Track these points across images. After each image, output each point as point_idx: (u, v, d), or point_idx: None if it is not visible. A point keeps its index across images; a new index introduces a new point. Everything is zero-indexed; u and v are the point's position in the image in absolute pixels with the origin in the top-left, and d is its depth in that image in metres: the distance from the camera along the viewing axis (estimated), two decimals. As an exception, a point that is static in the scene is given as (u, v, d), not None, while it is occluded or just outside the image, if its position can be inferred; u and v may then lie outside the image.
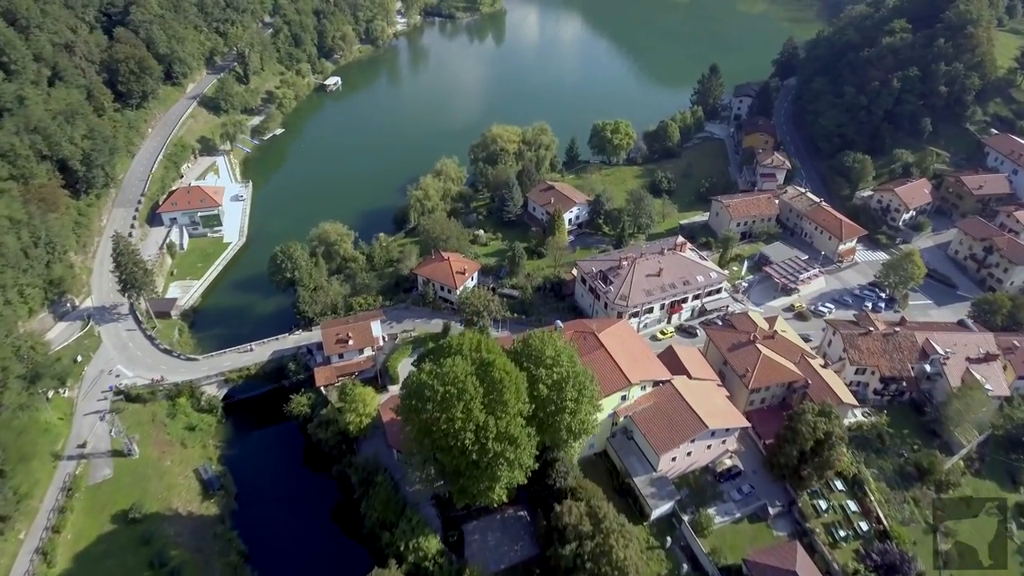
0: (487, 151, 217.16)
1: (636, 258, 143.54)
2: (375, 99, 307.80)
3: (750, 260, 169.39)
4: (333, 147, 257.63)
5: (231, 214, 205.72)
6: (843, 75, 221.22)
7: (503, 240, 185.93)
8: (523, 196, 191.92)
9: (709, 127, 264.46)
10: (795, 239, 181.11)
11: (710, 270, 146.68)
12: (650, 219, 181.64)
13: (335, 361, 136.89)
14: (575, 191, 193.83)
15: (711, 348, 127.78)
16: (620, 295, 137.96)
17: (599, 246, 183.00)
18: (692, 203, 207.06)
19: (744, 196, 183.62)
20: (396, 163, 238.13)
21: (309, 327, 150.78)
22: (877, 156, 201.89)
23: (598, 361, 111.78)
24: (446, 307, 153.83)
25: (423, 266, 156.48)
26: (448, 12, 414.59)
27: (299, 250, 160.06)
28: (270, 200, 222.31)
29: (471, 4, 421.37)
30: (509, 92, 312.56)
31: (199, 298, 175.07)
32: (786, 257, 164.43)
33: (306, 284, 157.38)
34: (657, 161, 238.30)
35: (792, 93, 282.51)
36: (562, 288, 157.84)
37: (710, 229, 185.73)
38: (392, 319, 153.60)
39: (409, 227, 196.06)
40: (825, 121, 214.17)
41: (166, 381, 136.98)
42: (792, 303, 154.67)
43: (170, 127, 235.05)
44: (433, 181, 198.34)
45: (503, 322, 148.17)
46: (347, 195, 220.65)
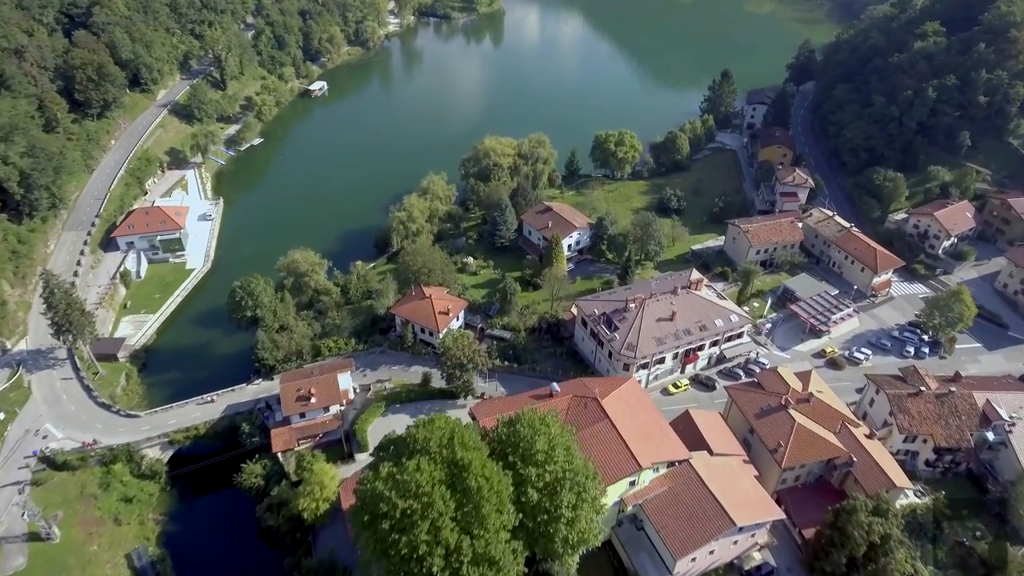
0: (479, 166, 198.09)
1: (645, 299, 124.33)
2: (364, 105, 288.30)
3: (772, 295, 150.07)
4: (316, 159, 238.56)
5: (197, 236, 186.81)
6: (870, 82, 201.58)
7: (495, 269, 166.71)
8: (517, 219, 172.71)
9: (720, 136, 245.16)
10: (821, 269, 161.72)
11: (730, 312, 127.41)
12: (659, 246, 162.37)
13: (296, 421, 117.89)
14: (575, 213, 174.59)
15: (734, 411, 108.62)
16: (627, 344, 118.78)
17: (602, 275, 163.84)
18: (704, 224, 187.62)
19: (764, 220, 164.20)
20: (384, 176, 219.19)
21: (270, 375, 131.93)
22: (909, 173, 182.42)
23: (601, 437, 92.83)
24: (427, 352, 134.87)
25: (401, 304, 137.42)
26: (443, 12, 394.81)
27: (262, 284, 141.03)
28: (243, 219, 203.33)
29: (468, 4, 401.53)
30: (506, 97, 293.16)
31: (153, 335, 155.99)
32: (814, 292, 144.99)
33: (269, 324, 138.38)
34: (665, 175, 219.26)
35: (810, 100, 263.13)
36: (560, 329, 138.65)
37: (726, 256, 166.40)
38: (366, 365, 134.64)
39: (391, 251, 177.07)
40: (851, 133, 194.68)
41: (100, 444, 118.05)
42: (823, 348, 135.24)
43: (136, 139, 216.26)
44: (418, 201, 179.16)
45: (492, 371, 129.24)
46: (328, 213, 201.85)
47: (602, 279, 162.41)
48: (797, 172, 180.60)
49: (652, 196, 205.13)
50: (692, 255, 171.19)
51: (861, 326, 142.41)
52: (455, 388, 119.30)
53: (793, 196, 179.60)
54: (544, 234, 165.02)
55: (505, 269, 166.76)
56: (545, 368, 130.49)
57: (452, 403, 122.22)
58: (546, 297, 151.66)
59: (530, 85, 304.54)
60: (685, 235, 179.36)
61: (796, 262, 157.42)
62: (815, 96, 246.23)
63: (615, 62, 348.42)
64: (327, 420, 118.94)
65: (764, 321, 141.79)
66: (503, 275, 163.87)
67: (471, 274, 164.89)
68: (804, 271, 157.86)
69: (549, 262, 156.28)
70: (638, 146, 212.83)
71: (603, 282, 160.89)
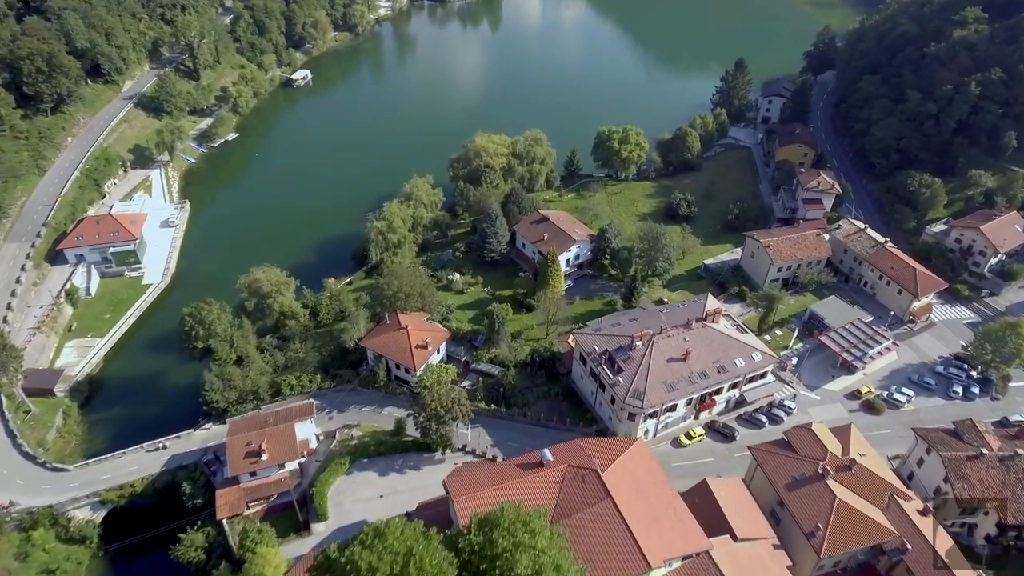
0: (469, 167, 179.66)
1: (654, 335, 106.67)
2: (351, 96, 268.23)
3: (797, 321, 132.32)
4: (296, 156, 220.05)
5: (157, 246, 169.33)
6: (902, 75, 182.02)
7: (483, 287, 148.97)
8: (510, 230, 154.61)
9: (733, 131, 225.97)
10: (850, 288, 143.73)
11: (753, 350, 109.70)
12: (668, 262, 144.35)
13: (245, 480, 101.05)
14: (574, 223, 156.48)
15: (759, 476, 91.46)
16: (632, 391, 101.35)
17: (604, 294, 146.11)
18: (717, 234, 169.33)
19: (786, 232, 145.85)
20: (370, 175, 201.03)
21: (222, 419, 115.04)
22: (947, 178, 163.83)
23: (602, 524, 76.01)
24: (403, 391, 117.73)
25: (374, 336, 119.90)
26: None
27: (215, 311, 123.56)
28: (212, 225, 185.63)
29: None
30: (503, 88, 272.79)
31: (100, 363, 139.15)
32: (845, 319, 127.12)
33: (223, 357, 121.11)
34: (673, 175, 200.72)
35: (829, 92, 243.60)
36: (555, 364, 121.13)
37: (742, 273, 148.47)
38: (333, 406, 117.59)
39: (370, 264, 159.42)
40: (880, 132, 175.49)
41: (18, 507, 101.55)
42: (858, 387, 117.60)
43: (96, 135, 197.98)
44: (400, 208, 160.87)
45: (477, 413, 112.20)
46: (306, 218, 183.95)
47: (604, 299, 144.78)
48: (822, 176, 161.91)
49: (659, 200, 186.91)
50: (704, 270, 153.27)
51: (899, 358, 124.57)
52: (430, 442, 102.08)
53: (817, 203, 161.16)
54: (539, 248, 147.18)
55: (495, 287, 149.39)
56: (537, 412, 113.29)
57: (428, 457, 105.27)
58: (540, 321, 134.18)
59: (528, 74, 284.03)
60: (696, 246, 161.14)
61: (824, 282, 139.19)
62: (837, 89, 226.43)
63: (619, 49, 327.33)
64: (282, 478, 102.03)
65: (789, 353, 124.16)
66: (492, 294, 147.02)
67: (457, 292, 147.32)
68: (832, 292, 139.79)
69: (544, 281, 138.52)
70: (644, 144, 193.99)
71: (605, 302, 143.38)
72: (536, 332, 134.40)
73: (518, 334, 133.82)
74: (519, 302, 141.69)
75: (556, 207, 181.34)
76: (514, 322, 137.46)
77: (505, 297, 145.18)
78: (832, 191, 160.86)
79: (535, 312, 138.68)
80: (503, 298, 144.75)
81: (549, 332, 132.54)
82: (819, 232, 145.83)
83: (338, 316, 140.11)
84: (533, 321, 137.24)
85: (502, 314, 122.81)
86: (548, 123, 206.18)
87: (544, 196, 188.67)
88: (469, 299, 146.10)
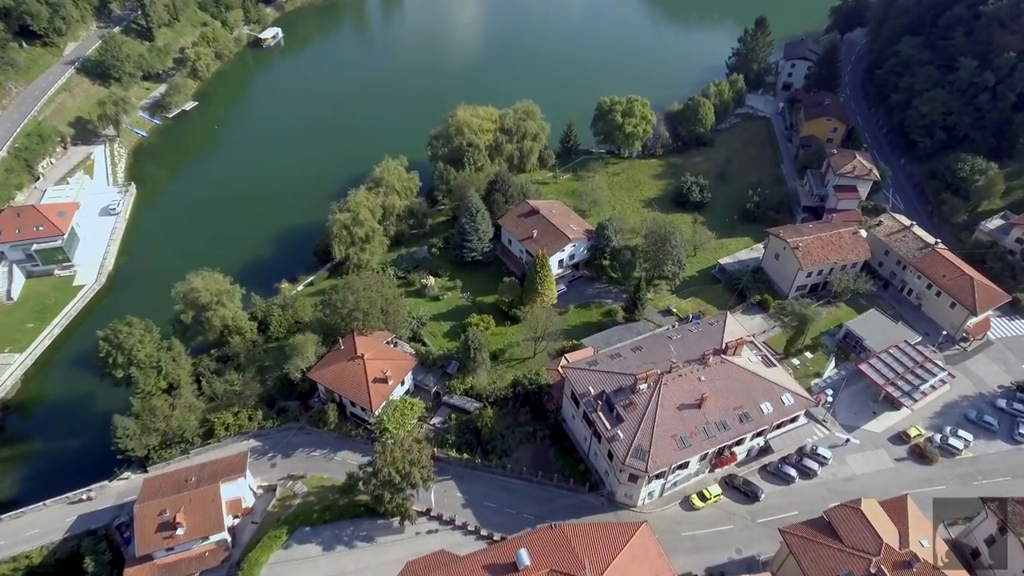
0: (450, 145, 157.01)
1: (662, 375, 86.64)
2: (327, 58, 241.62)
3: (831, 340, 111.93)
4: (262, 127, 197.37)
5: (95, 238, 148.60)
6: (953, 38, 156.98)
7: (463, 293, 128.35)
8: (494, 224, 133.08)
9: (750, 99, 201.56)
10: (890, 296, 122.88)
11: (782, 390, 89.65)
12: (678, 265, 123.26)
13: (160, 556, 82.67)
14: (569, 215, 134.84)
15: (791, 570, 72.60)
16: (635, 449, 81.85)
17: (602, 302, 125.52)
18: (734, 225, 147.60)
19: (818, 230, 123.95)
20: (345, 152, 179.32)
21: (144, 466, 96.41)
22: (1005, 162, 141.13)
23: (592, 664, 57.35)
24: (360, 433, 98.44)
25: (325, 366, 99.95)
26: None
27: (137, 332, 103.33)
28: (160, 212, 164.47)
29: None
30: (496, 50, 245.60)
31: (17, 384, 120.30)
32: (889, 340, 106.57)
33: (146, 389, 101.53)
34: (683, 152, 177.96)
35: (860, 55, 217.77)
36: (542, 398, 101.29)
37: (764, 275, 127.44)
38: (277, 449, 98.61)
39: (333, 262, 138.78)
40: (925, 105, 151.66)
41: None
42: (906, 430, 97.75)
43: (31, 107, 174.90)
44: (367, 196, 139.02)
45: (447, 463, 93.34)
46: (270, 203, 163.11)
47: (602, 307, 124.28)
48: (858, 159, 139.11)
49: (667, 181, 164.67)
50: (719, 271, 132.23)
51: (952, 389, 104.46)
52: (386, 511, 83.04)
53: (851, 191, 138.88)
54: (527, 247, 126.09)
55: (476, 291, 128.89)
56: (520, 460, 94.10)
57: (384, 524, 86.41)
58: (527, 336, 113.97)
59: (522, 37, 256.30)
60: (710, 240, 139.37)
61: (862, 291, 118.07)
62: (871, 52, 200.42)
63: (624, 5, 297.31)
64: (206, 552, 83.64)
65: (822, 384, 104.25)
66: (473, 301, 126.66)
67: (431, 298, 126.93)
68: (870, 303, 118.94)
69: (532, 289, 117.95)
70: (651, 116, 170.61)
71: (604, 312, 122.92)
72: (522, 350, 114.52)
73: (501, 352, 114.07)
74: (503, 312, 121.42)
75: (550, 191, 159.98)
76: (497, 336, 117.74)
77: (487, 305, 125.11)
78: (869, 177, 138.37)
79: (523, 324, 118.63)
80: (485, 306, 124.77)
81: (537, 350, 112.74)
82: (856, 230, 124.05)
83: (292, 328, 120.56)
84: (519, 336, 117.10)
85: (479, 339, 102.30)
86: (543, 91, 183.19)
87: (536, 177, 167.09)
88: (445, 307, 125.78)
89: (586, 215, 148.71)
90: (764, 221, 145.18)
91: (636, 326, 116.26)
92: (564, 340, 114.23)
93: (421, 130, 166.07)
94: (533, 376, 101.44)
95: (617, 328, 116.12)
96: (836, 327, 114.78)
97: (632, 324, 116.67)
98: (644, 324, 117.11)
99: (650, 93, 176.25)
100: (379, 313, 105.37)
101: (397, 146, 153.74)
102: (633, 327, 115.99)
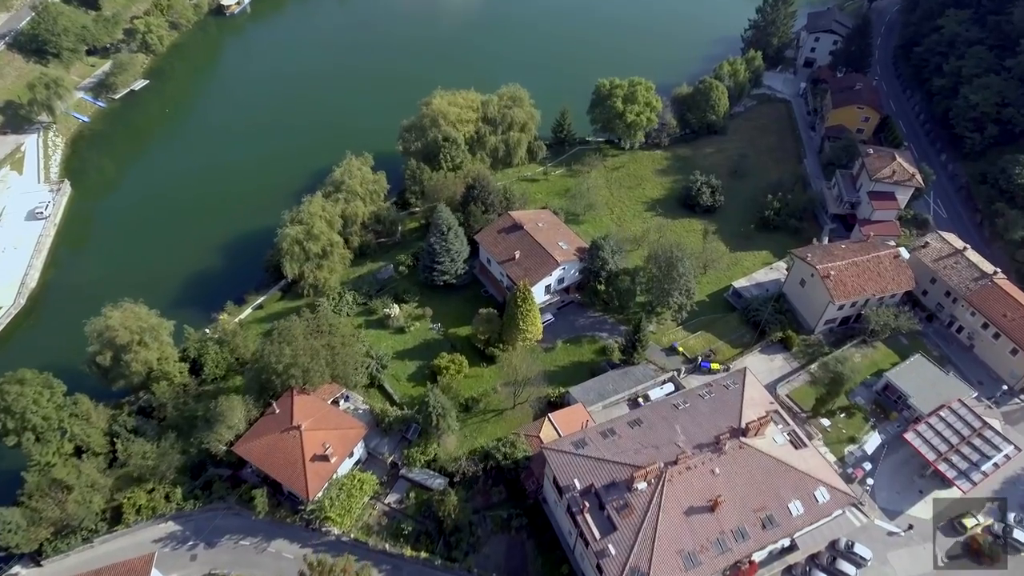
0: (424, 139, 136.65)
1: (666, 467, 68.87)
2: (303, 25, 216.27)
3: (868, 394, 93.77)
4: (221, 110, 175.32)
5: (15, 249, 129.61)
6: (1009, 13, 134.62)
7: (433, 324, 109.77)
8: (470, 239, 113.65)
9: (768, 77, 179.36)
10: (935, 333, 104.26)
11: (816, 483, 71.80)
12: (686, 294, 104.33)
13: None
14: (558, 228, 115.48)
15: None
16: (631, 571, 64.49)
17: (596, 336, 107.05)
18: (750, 236, 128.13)
19: (852, 253, 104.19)
20: (318, 135, 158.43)
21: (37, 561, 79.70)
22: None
23: None
24: (296, 518, 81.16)
25: (254, 438, 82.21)
26: None
27: (31, 392, 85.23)
28: (100, 215, 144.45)
29: None
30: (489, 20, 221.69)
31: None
32: (939, 397, 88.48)
33: (41, 461, 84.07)
34: (692, 142, 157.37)
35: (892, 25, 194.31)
36: (519, 476, 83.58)
37: (787, 302, 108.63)
38: (200, 536, 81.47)
39: (286, 282, 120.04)
40: (975, 94, 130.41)
41: None
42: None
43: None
44: (324, 206, 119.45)
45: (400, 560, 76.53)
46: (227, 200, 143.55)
47: (596, 343, 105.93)
48: (898, 161, 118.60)
49: (674, 178, 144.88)
50: (733, 296, 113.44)
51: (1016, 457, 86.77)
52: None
53: (889, 199, 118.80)
54: (508, 272, 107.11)
55: (449, 322, 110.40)
56: (491, 559, 77.16)
57: (319, 653, 69.87)
58: (506, 381, 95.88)
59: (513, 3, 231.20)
60: (723, 255, 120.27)
61: (904, 329, 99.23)
62: (906, 24, 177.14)
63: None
64: None
65: (856, 453, 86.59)
66: (444, 333, 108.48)
67: (395, 331, 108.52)
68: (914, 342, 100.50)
69: (513, 324, 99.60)
70: (656, 102, 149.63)
71: (597, 350, 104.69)
72: (500, 398, 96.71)
73: (475, 402, 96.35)
74: (478, 350, 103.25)
75: (539, 190, 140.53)
76: (470, 381, 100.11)
77: (462, 339, 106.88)
78: (910, 183, 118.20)
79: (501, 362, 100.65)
80: (459, 341, 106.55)
81: (518, 399, 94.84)
82: (897, 253, 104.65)
83: (233, 367, 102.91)
84: (496, 380, 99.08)
85: (442, 404, 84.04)
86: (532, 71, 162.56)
87: (525, 172, 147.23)
88: (412, 341, 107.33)
89: (580, 220, 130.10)
90: (785, 231, 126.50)
91: (635, 371, 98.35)
92: (550, 387, 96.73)
93: (403, 112, 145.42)
94: (508, 447, 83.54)
95: (613, 374, 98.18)
96: (873, 375, 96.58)
97: (630, 369, 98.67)
98: (644, 368, 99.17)
99: (655, 71, 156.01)
100: (324, 366, 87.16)
101: (376, 132, 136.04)
102: (631, 373, 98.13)
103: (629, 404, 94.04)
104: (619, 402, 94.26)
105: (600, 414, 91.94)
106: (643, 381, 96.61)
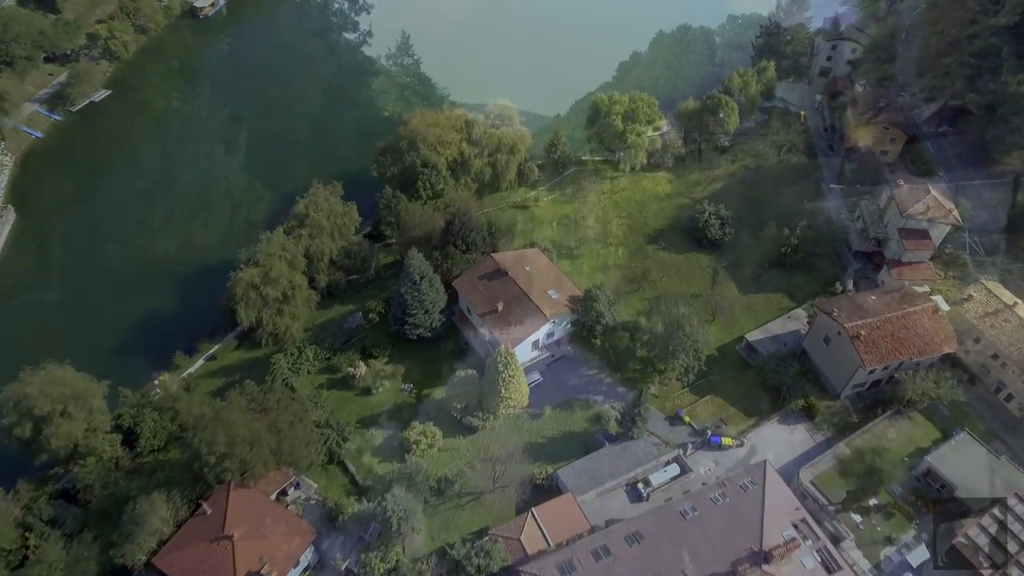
0: (401, 164, 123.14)
1: (669, 609, 55.61)
2: (282, 29, 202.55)
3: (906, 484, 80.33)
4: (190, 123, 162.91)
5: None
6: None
7: (404, 385, 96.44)
8: (445, 289, 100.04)
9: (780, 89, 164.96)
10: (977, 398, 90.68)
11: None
12: (695, 355, 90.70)
13: None
14: (548, 272, 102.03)
15: None
16: None
17: (590, 400, 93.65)
18: (764, 276, 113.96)
19: (884, 305, 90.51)
20: (292, 158, 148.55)
21: None
22: None
23: None
24: (231, 643, 68.36)
25: (178, 549, 69.16)
26: None
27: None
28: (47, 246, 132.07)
29: None
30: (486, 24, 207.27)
31: None
32: (990, 486, 75.29)
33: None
34: (698, 162, 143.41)
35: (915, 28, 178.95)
36: (497, 585, 70.76)
37: (808, 360, 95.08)
38: (115, 661, 68.97)
39: (242, 329, 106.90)
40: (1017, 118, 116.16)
41: None
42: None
43: None
44: (285, 244, 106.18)
45: None
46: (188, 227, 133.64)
47: (589, 409, 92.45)
48: (932, 195, 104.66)
49: (678, 203, 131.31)
50: (746, 350, 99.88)
51: (1080, 562, 73.59)
52: None
53: (923, 238, 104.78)
54: (490, 327, 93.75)
55: (424, 381, 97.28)
56: None
57: None
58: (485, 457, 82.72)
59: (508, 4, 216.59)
60: (734, 301, 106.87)
61: (946, 400, 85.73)
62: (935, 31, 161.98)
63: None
64: None
65: (895, 558, 73.34)
66: (417, 395, 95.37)
67: (362, 392, 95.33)
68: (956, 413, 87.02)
69: (494, 388, 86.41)
70: (659, 119, 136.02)
71: (590, 417, 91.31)
72: (477, 479, 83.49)
73: (449, 484, 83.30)
74: (456, 420, 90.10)
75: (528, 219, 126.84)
76: (445, 456, 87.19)
77: (437, 403, 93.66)
78: (947, 220, 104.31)
79: (480, 433, 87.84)
80: (433, 405, 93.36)
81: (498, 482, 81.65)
82: (936, 307, 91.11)
83: (176, 434, 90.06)
84: (474, 455, 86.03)
85: (403, 509, 70.82)
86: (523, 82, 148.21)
87: (515, 196, 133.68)
88: (380, 405, 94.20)
89: (574, 254, 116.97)
90: (803, 270, 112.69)
91: (634, 447, 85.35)
92: (536, 465, 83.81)
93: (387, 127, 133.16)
94: (482, 557, 70.23)
95: (609, 451, 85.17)
96: (910, 456, 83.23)
97: (629, 444, 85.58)
98: (645, 443, 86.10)
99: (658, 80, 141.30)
100: (268, 453, 74.02)
101: (356, 148, 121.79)
102: (630, 449, 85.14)
103: (628, 491, 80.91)
104: (616, 488, 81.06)
105: (593, 503, 78.90)
106: (644, 460, 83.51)
